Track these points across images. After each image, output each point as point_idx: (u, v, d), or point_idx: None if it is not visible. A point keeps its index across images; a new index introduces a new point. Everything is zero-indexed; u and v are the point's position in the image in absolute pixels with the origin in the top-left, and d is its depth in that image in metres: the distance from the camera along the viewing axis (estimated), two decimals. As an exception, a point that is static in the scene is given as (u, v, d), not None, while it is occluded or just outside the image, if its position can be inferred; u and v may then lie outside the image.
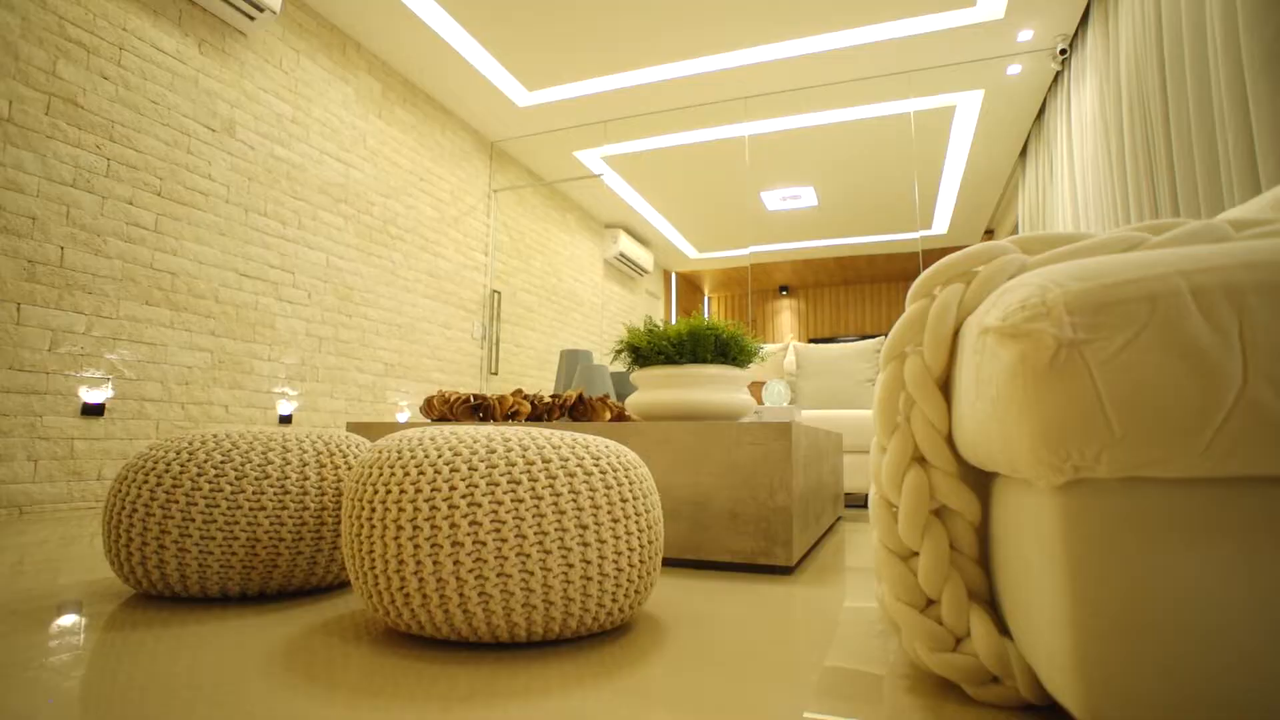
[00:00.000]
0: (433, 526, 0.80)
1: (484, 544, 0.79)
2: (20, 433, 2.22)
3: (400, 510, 0.81)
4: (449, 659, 0.81)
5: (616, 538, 0.86)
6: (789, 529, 1.38)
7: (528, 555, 0.80)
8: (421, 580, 0.79)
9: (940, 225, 6.97)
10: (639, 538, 0.89)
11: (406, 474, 0.83)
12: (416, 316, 4.12)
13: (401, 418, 3.96)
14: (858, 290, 9.37)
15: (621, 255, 6.72)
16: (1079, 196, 3.49)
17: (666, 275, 8.59)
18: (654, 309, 8.14)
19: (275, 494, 1.06)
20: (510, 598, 0.79)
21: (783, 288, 9.53)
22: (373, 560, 0.83)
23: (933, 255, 7.80)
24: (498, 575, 0.79)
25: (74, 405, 2.38)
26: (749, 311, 9.66)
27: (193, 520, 1.02)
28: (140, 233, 2.61)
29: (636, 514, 0.90)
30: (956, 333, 0.71)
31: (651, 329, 1.67)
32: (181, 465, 1.05)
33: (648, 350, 1.64)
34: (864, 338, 9.00)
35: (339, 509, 1.12)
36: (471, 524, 0.79)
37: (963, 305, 0.70)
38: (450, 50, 3.82)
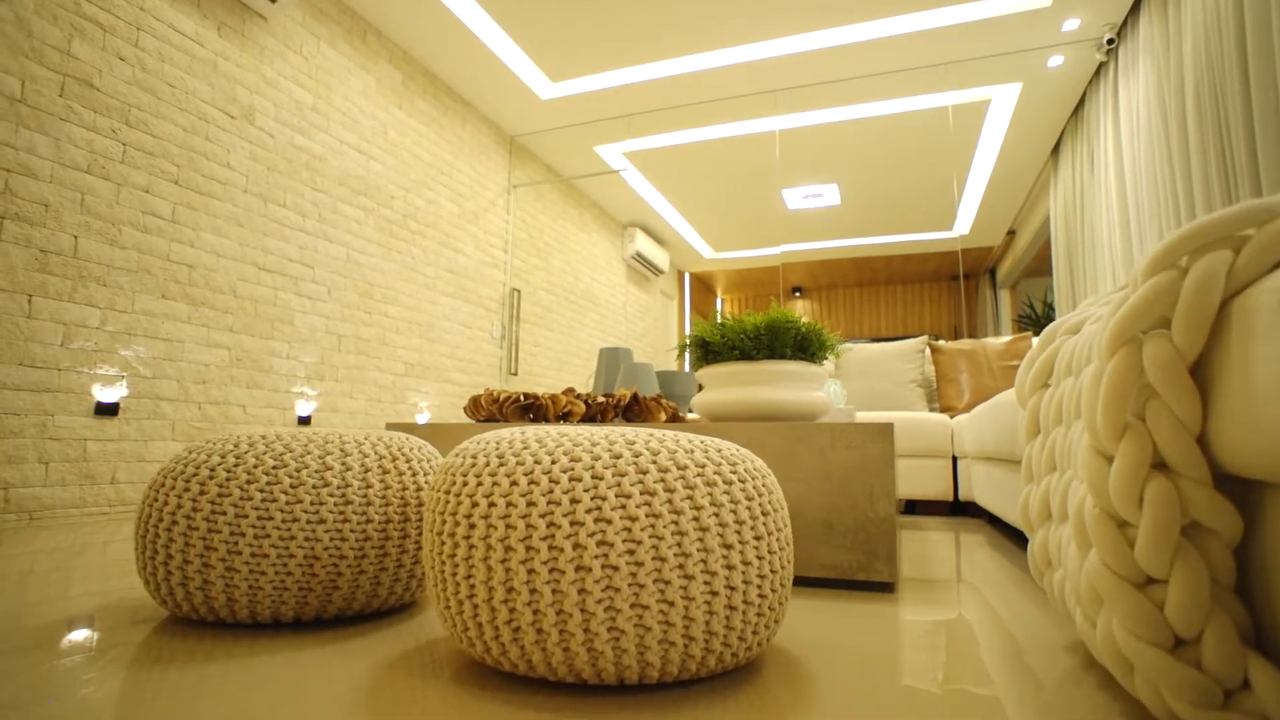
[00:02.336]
0: (551, 548, 0.66)
1: (616, 568, 0.65)
2: (31, 433, 2.09)
3: (509, 528, 0.67)
4: (561, 705, 0.67)
5: (760, 558, 0.72)
6: (892, 541, 1.24)
7: (667, 582, 0.66)
8: (537, 613, 0.65)
9: (962, 225, 6.83)
10: (779, 557, 0.76)
11: (515, 484, 0.69)
12: (436, 315, 3.98)
13: (421, 419, 3.82)
14: (873, 292, 9.24)
15: (638, 255, 6.59)
16: (1129, 191, 3.36)
17: (680, 275, 8.46)
18: (668, 310, 8.00)
19: (336, 504, 0.92)
20: (646, 633, 0.65)
21: (796, 289, 9.40)
22: (471, 587, 0.69)
23: (969, 255, 7.66)
24: (631, 606, 0.65)
25: (87, 404, 2.24)
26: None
27: (243, 535, 0.88)
28: (157, 222, 2.47)
29: (777, 529, 0.76)
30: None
31: (723, 322, 1.53)
32: (229, 470, 0.91)
33: (720, 345, 1.50)
34: (877, 340, 8.85)
35: (404, 521, 0.98)
36: (600, 544, 0.65)
37: (1232, 276, 0.57)
38: (474, 39, 3.69)
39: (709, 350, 1.53)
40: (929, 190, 5.84)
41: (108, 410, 2.29)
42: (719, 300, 9.70)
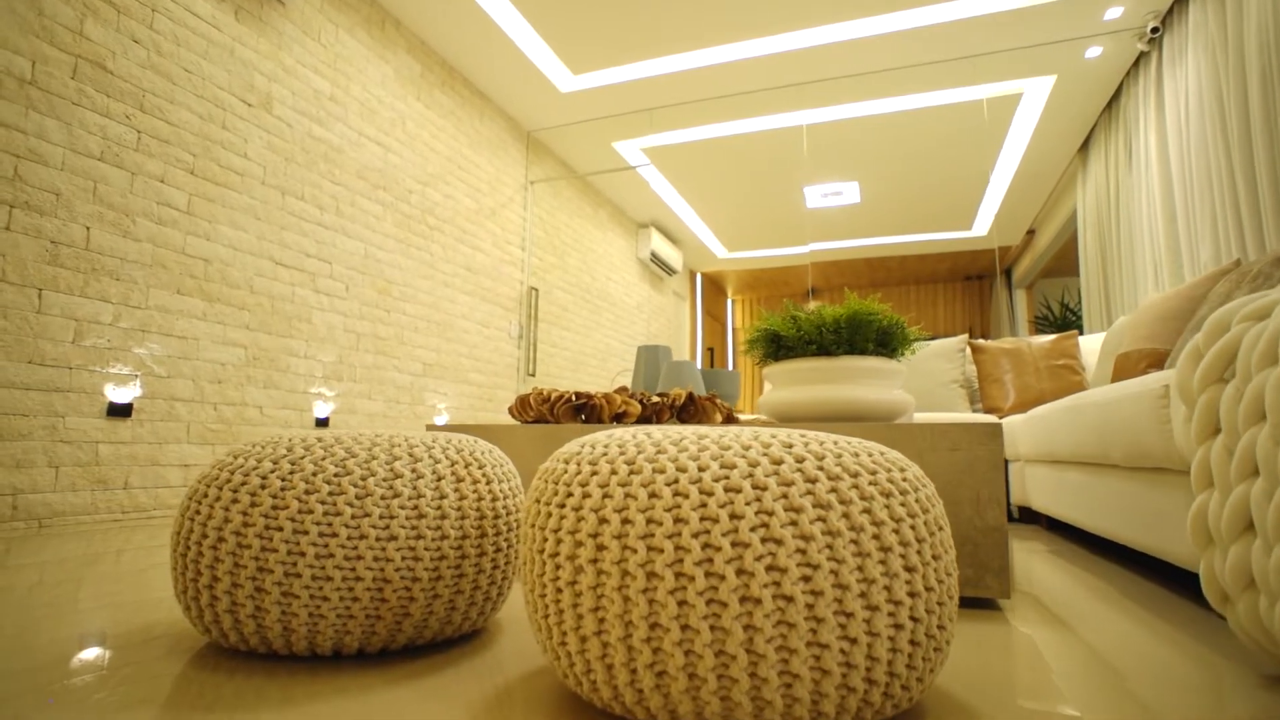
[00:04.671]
0: (709, 574, 0.53)
1: (790, 599, 0.53)
2: (40, 435, 1.96)
3: (653, 550, 0.55)
4: (717, 767, 0.55)
5: (939, 582, 0.60)
6: (1004, 553, 1.12)
7: (849, 615, 0.53)
8: (690, 654, 0.53)
9: (982, 224, 6.71)
10: (953, 581, 0.63)
11: (656, 496, 0.57)
12: (454, 313, 3.86)
13: (440, 420, 3.70)
14: (886, 293, 9.12)
15: (653, 254, 6.48)
16: (1176, 185, 3.24)
17: (692, 275, 8.34)
18: (680, 310, 7.89)
19: (408, 518, 0.80)
20: (825, 677, 0.53)
21: (810, 289, 9.28)
22: (599, 622, 0.57)
23: (986, 255, 7.53)
24: (807, 645, 0.53)
25: (99, 405, 2.12)
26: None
27: (303, 554, 0.76)
28: (172, 214, 2.35)
29: (950, 548, 0.64)
30: None
31: (796, 314, 1.41)
32: (284, 478, 0.79)
33: (795, 340, 1.38)
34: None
35: (481, 537, 0.86)
36: (771, 569, 0.53)
37: None
38: (494, 27, 3.58)
39: (781, 345, 1.41)
40: (950, 189, 5.73)
41: (120, 411, 2.17)
42: (729, 301, 9.59)
